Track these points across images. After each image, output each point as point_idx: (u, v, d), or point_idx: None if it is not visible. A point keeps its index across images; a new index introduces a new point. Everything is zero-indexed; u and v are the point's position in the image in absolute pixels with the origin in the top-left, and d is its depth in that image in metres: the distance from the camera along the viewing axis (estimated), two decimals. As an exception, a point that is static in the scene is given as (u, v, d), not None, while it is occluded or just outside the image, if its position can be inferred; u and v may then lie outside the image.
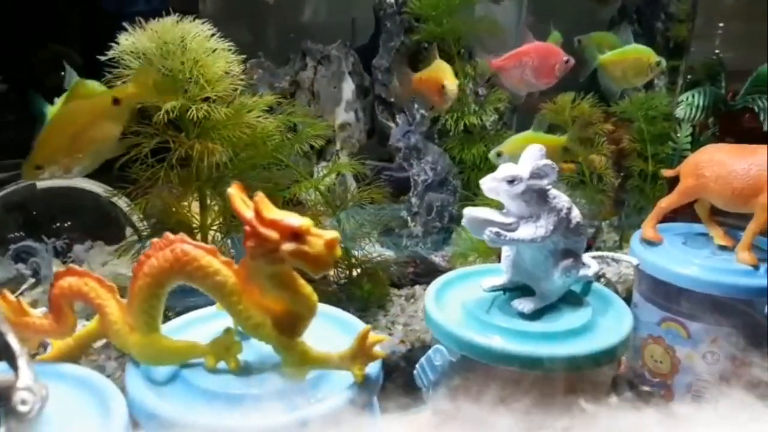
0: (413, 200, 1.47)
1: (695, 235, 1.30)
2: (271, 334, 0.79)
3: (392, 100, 1.49)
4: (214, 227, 1.14)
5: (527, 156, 0.98)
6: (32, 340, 0.86)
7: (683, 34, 1.60)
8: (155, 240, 0.80)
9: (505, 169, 0.97)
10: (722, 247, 1.24)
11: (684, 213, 1.34)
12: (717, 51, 1.85)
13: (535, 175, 0.96)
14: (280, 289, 0.77)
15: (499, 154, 1.34)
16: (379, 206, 1.33)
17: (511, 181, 0.96)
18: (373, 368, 0.82)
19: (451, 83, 1.29)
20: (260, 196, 0.75)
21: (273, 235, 0.74)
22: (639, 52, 1.41)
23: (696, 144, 1.48)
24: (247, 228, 0.75)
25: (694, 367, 1.20)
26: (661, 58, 1.37)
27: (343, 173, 1.40)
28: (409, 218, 1.47)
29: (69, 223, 1.25)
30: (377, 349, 0.81)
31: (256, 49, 1.13)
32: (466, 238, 1.37)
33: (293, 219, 0.74)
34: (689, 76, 1.60)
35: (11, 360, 0.70)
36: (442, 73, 1.32)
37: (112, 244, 1.26)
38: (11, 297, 0.84)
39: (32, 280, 1.23)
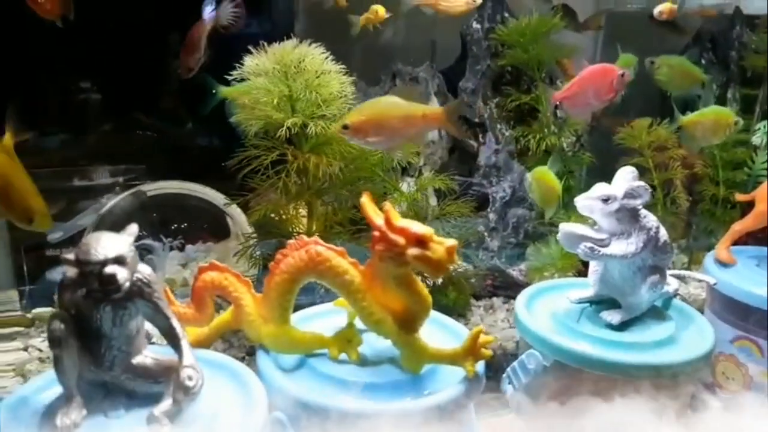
0: (491, 215, 1.55)
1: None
2: (392, 329, 0.88)
3: (476, 120, 1.57)
4: (318, 233, 1.24)
5: (621, 177, 1.05)
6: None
7: (761, 64, 1.65)
8: (291, 241, 0.89)
9: (600, 189, 1.04)
10: (795, 270, 1.28)
11: (757, 237, 1.39)
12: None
13: (629, 195, 1.03)
14: (402, 288, 0.86)
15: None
16: (460, 220, 1.41)
17: (606, 200, 1.03)
18: (479, 367, 0.90)
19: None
20: (389, 205, 0.84)
21: (400, 240, 0.82)
22: (718, 113, 1.46)
23: (772, 171, 1.52)
24: (377, 233, 0.84)
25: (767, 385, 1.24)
26: (739, 118, 1.42)
27: (425, 187, 1.48)
28: (486, 233, 1.54)
29: (184, 224, 1.37)
30: (486, 349, 0.89)
31: (348, 68, 1.22)
32: (544, 253, 1.44)
33: (418, 227, 0.83)
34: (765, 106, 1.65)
35: (175, 342, 0.80)
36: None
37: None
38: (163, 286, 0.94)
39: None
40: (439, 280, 1.35)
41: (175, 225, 1.36)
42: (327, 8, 1.68)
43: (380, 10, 1.52)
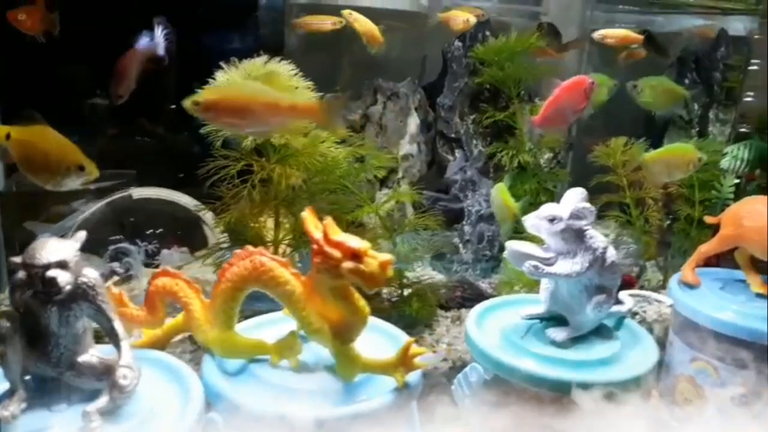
0: (466, 228, 1.58)
1: (734, 281, 1.35)
2: (328, 338, 0.92)
3: (452, 135, 1.61)
4: (285, 242, 1.29)
5: (568, 198, 1.08)
6: (129, 328, 1.01)
7: (735, 84, 1.65)
8: (237, 251, 0.94)
9: (547, 209, 1.07)
10: (759, 295, 1.29)
11: (727, 259, 1.39)
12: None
13: (574, 216, 1.05)
14: (338, 300, 0.90)
15: None
16: (432, 233, 1.44)
17: (552, 220, 1.06)
18: (414, 377, 0.94)
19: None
20: (328, 220, 0.88)
21: (336, 254, 0.87)
22: (681, 150, 1.48)
23: (742, 194, 1.52)
24: (315, 246, 0.88)
25: (723, 408, 1.25)
26: (703, 155, 1.43)
27: (403, 201, 1.52)
28: (460, 245, 1.57)
29: (159, 230, 1.43)
30: (418, 360, 0.92)
31: (334, 83, 1.26)
32: (512, 267, 1.47)
33: (354, 241, 0.87)
34: (740, 126, 1.66)
35: (116, 342, 0.85)
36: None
37: (195, 251, 1.43)
38: (115, 289, 0.99)
39: (116, 278, 1.40)
40: (405, 291, 1.39)
41: (152, 230, 1.42)
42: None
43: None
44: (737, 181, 1.54)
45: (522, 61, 1.54)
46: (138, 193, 1.43)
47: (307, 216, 0.91)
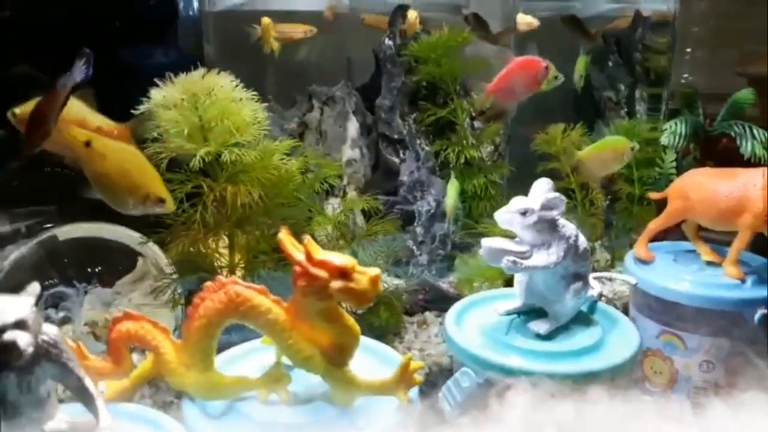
0: (418, 230, 1.55)
1: (684, 253, 1.40)
2: (321, 365, 0.86)
3: (396, 136, 1.57)
4: (241, 265, 1.21)
5: (537, 189, 1.07)
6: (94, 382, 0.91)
7: (663, 65, 1.72)
8: (208, 283, 0.86)
9: (518, 202, 1.05)
10: (709, 263, 1.33)
11: (672, 232, 1.44)
12: (686, 75, 1.98)
13: (546, 206, 1.04)
14: (328, 323, 0.85)
15: None
16: (387, 238, 1.40)
17: (524, 213, 1.04)
18: (413, 393, 0.89)
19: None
20: (308, 238, 0.82)
21: (323, 274, 0.81)
22: (614, 143, 1.51)
23: (680, 168, 1.59)
24: (298, 268, 0.82)
25: (692, 376, 1.29)
26: (635, 143, 1.48)
27: (350, 209, 1.47)
28: (415, 248, 1.54)
29: (98, 269, 1.31)
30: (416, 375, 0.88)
31: (259, 92, 1.20)
32: (471, 264, 1.46)
33: (339, 259, 0.82)
34: (670, 104, 1.72)
35: (89, 402, 0.75)
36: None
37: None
38: (71, 342, 0.89)
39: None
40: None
41: (90, 268, 1.30)
42: (238, 34, 1.65)
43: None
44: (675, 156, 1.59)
45: (457, 56, 1.53)
46: (65, 232, 1.29)
47: (285, 237, 0.85)
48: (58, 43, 1.36)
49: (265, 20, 1.57)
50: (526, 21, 1.77)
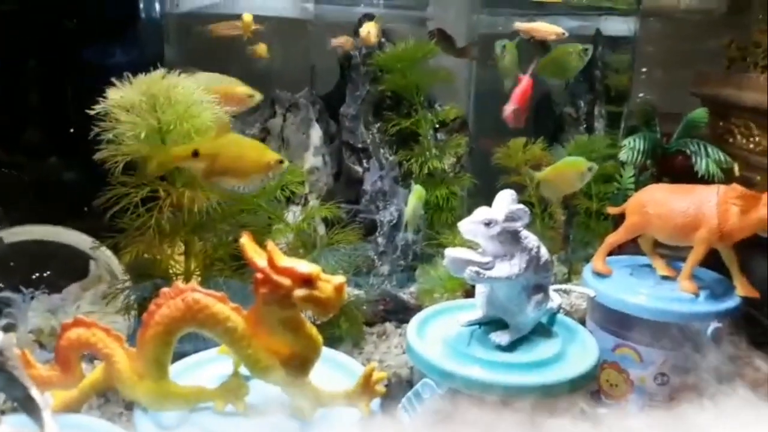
0: (380, 240, 1.54)
1: (640, 267, 1.43)
2: (281, 376, 0.83)
3: (359, 145, 1.56)
4: (197, 272, 1.17)
5: (501, 201, 1.07)
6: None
7: (623, 83, 1.76)
8: (165, 289, 0.83)
9: (481, 213, 1.05)
10: (665, 277, 1.36)
11: (628, 247, 1.46)
12: (641, 94, 2.03)
13: (509, 218, 1.05)
14: (289, 332, 0.82)
15: None
16: (348, 247, 1.39)
17: (488, 224, 1.04)
18: (375, 404, 0.88)
19: None
20: (271, 245, 0.80)
21: (286, 281, 0.79)
22: (572, 164, 1.52)
23: (637, 184, 1.62)
24: (260, 275, 0.80)
25: (646, 389, 1.31)
26: (593, 164, 1.50)
27: (312, 217, 1.45)
28: (376, 258, 1.53)
29: (47, 273, 1.26)
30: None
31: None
32: (432, 275, 1.45)
33: (304, 266, 0.80)
34: (628, 121, 1.76)
35: (35, 413, 0.71)
36: None
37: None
38: (17, 351, 0.84)
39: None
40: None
41: (38, 273, 1.24)
42: (199, 36, 1.62)
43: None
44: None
45: (421, 67, 1.53)
46: (11, 234, 1.24)
47: (247, 242, 0.82)
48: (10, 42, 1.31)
49: (247, 17, 1.54)
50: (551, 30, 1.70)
